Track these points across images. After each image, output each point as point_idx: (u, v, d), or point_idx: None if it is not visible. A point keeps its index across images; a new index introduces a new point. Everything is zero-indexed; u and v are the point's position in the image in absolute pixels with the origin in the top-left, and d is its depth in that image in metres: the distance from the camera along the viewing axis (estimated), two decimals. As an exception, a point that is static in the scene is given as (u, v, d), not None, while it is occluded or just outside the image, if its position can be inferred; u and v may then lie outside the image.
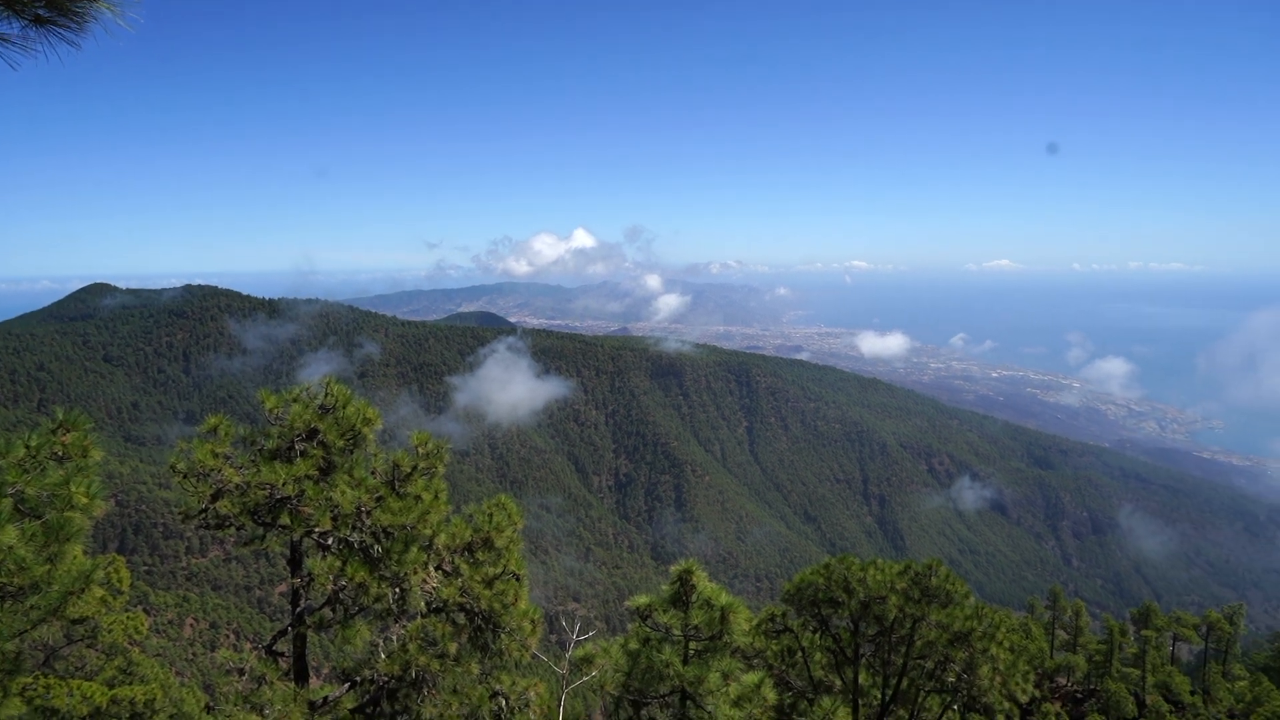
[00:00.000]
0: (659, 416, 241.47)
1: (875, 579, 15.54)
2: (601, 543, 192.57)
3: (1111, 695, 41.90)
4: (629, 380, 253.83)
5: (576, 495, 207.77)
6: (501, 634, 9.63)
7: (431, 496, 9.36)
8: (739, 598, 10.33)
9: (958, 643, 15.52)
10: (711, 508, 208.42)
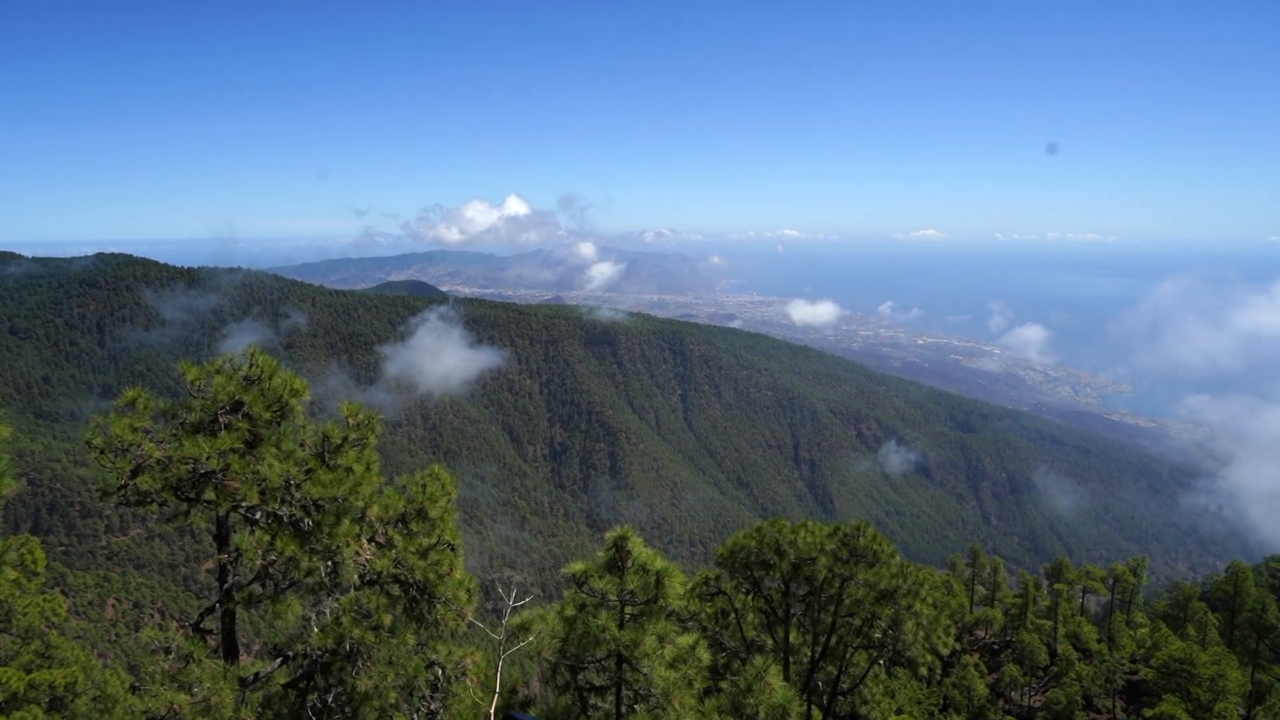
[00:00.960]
0: (593, 385, 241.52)
1: (805, 541, 15.96)
2: (537, 511, 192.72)
3: (1026, 646, 43.98)
4: (563, 349, 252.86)
5: (511, 464, 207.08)
6: (437, 604, 9.60)
7: (363, 468, 9.22)
8: (674, 562, 10.49)
9: (884, 600, 16.09)
10: (646, 475, 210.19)
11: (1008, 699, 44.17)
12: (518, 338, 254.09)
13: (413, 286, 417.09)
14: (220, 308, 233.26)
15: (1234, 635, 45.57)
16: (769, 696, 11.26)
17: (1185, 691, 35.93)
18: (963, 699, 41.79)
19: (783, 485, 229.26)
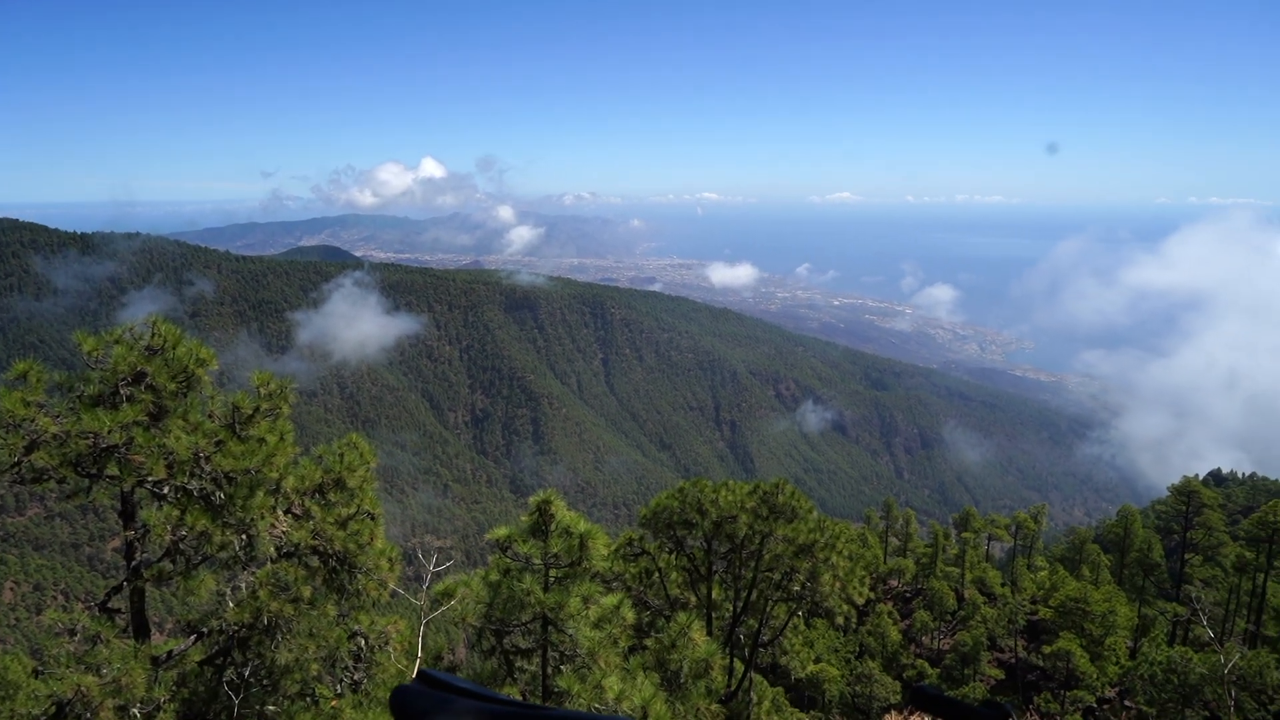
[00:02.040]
0: (514, 350, 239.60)
1: (726, 499, 16.30)
2: (460, 479, 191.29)
3: (936, 592, 46.09)
4: (483, 314, 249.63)
5: (432, 432, 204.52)
6: (358, 574, 9.47)
7: (276, 438, 8.97)
8: (597, 525, 10.57)
9: (802, 554, 16.61)
10: (569, 439, 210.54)
11: (919, 643, 46.33)
12: (436, 303, 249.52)
13: (325, 251, 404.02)
14: (118, 275, 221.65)
15: (1124, 574, 48.70)
16: (692, 651, 11.54)
17: (1080, 628, 38.27)
18: (877, 645, 43.64)
19: (704, 446, 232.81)
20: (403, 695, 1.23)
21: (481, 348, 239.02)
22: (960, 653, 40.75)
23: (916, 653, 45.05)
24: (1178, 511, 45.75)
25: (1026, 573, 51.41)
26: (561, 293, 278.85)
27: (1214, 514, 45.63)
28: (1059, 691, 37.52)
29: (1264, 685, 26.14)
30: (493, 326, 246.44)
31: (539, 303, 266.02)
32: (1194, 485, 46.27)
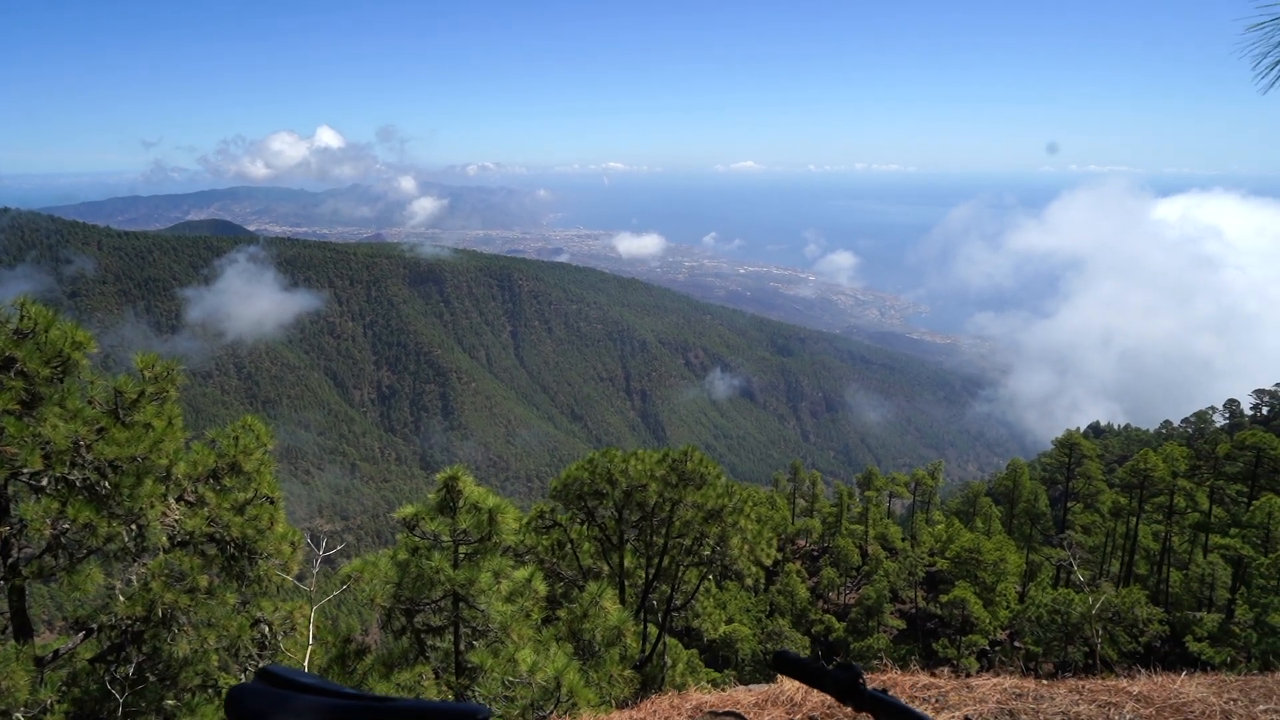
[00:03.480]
0: (420, 325, 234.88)
1: (636, 468, 16.47)
2: (367, 457, 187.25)
3: (841, 550, 47.83)
4: (386, 289, 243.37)
5: (337, 411, 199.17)
6: (259, 560, 9.19)
7: (164, 423, 8.57)
8: (508, 498, 10.54)
9: (711, 519, 16.96)
10: (479, 414, 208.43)
11: (826, 599, 48.08)
12: (337, 278, 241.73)
13: (216, 226, 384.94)
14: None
15: (1013, 524, 51.55)
16: (604, 619, 11.68)
17: (974, 577, 40.43)
18: (787, 603, 45.11)
19: (616, 416, 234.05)
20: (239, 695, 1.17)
21: (386, 323, 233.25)
22: (865, 606, 42.52)
23: (824, 608, 46.78)
24: (1061, 463, 48.64)
25: (925, 527, 53.85)
26: (467, 265, 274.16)
27: (1093, 464, 48.70)
28: (955, 637, 39.64)
29: (1135, 619, 28.17)
30: (397, 301, 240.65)
31: (444, 276, 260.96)
32: (1075, 438, 49.22)
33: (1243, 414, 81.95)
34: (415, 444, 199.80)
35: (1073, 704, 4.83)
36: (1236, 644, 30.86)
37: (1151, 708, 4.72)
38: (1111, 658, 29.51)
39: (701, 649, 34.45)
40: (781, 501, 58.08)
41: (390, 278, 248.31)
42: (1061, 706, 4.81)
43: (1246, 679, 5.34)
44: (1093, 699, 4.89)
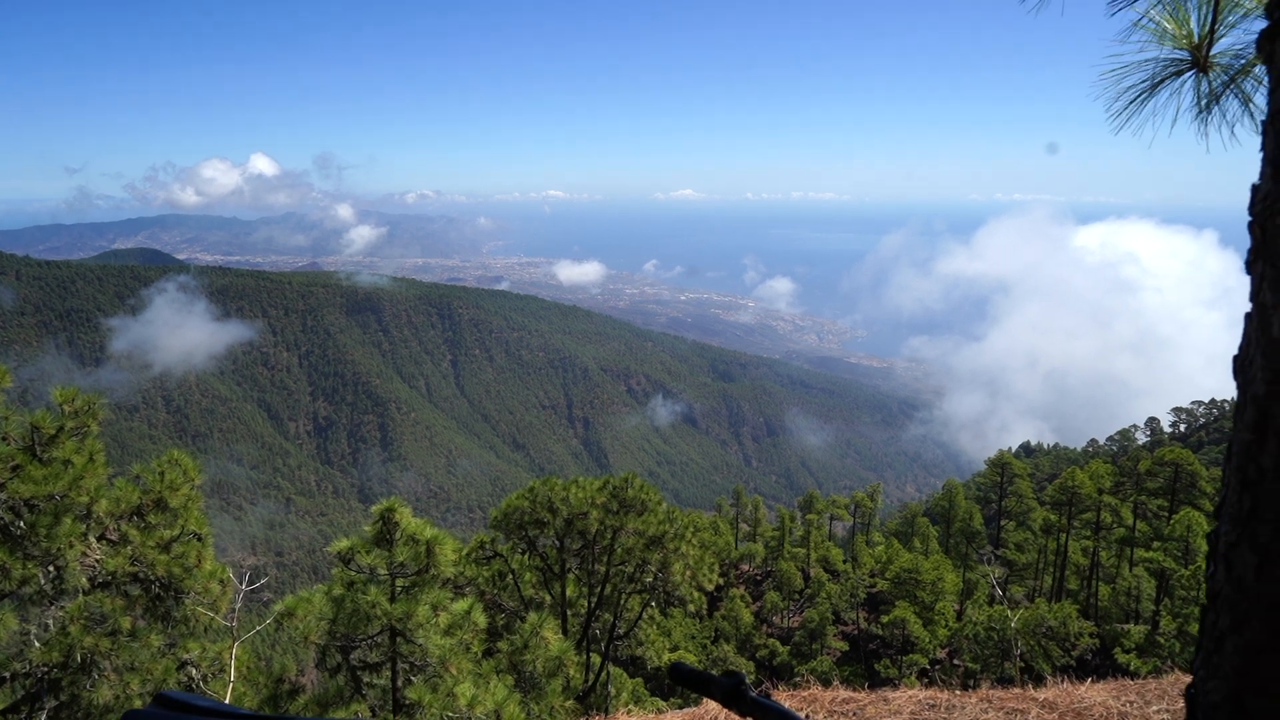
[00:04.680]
0: (358, 355, 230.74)
1: (577, 496, 16.40)
2: (304, 491, 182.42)
3: (784, 573, 48.18)
4: (322, 318, 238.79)
5: (271, 444, 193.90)
6: (185, 599, 8.89)
7: (85, 459, 8.27)
8: (447, 529, 10.43)
9: (653, 546, 16.96)
10: (419, 444, 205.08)
11: (770, 623, 48.28)
12: (271, 308, 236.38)
13: (143, 255, 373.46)
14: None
15: (950, 543, 52.60)
16: (546, 650, 11.56)
17: (913, 596, 41.10)
18: (731, 628, 45.16)
19: (558, 444, 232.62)
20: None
21: (322, 353, 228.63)
22: (808, 629, 42.81)
23: (769, 632, 46.95)
24: (994, 482, 49.94)
25: (865, 548, 54.59)
26: (406, 293, 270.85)
27: (1024, 482, 50.10)
28: (897, 657, 40.14)
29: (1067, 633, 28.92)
30: (334, 330, 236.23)
31: (382, 304, 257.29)
32: (1006, 458, 50.65)
33: (1163, 431, 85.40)
34: (353, 476, 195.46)
35: (982, 711, 4.99)
36: (1161, 654, 31.90)
37: (1055, 713, 4.91)
38: (1045, 671, 30.22)
39: (646, 677, 34.22)
40: (725, 526, 58.39)
41: (326, 307, 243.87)
42: (972, 715, 4.97)
43: (1143, 683, 5.61)
44: (1001, 706, 5.07)
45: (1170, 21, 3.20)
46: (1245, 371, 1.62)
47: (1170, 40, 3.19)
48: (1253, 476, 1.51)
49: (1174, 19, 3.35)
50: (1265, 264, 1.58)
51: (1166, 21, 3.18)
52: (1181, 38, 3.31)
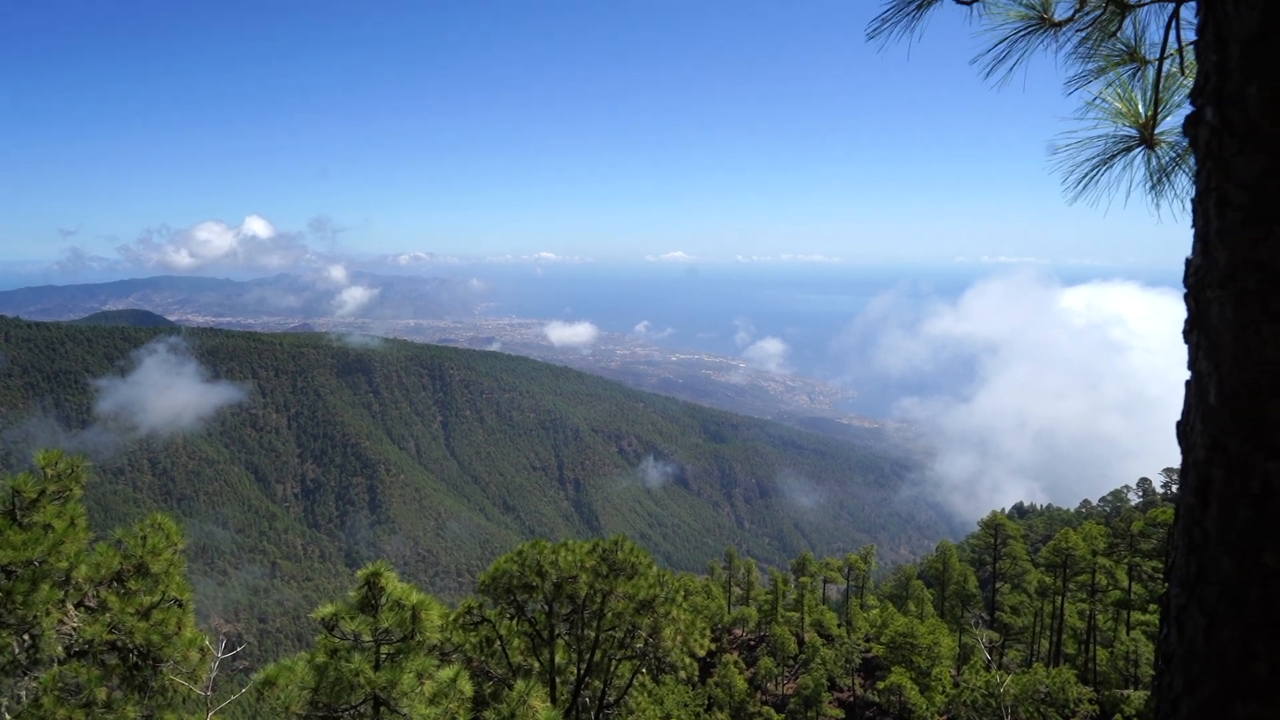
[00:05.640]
0: (348, 416, 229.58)
1: (566, 560, 16.21)
2: (290, 555, 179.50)
3: (778, 638, 47.33)
4: (313, 379, 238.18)
5: (258, 507, 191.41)
6: (163, 668, 8.70)
7: (66, 524, 8.18)
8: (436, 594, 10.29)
9: (643, 610, 16.71)
10: (408, 507, 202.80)
11: (764, 690, 47.23)
12: (261, 369, 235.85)
13: (135, 316, 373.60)
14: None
15: (945, 606, 51.95)
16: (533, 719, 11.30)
17: (909, 661, 40.39)
18: (725, 696, 44.15)
19: (549, 506, 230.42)
20: None
21: (312, 414, 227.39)
22: (803, 696, 41.90)
23: (763, 699, 45.89)
24: (987, 544, 49.58)
25: (860, 612, 53.81)
26: (397, 354, 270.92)
27: (1018, 544, 49.75)
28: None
29: (1066, 699, 28.42)
30: (324, 392, 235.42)
31: (373, 365, 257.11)
32: (1000, 519, 50.36)
33: (1155, 492, 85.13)
34: (340, 539, 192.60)
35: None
36: (1163, 721, 31.27)
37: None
38: (1045, 740, 29.59)
39: (638, 748, 33.33)
40: (717, 590, 57.55)
41: (317, 368, 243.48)
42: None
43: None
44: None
45: (1120, 102, 3.54)
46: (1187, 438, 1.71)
47: (1121, 118, 3.46)
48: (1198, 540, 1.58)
49: (1123, 100, 3.58)
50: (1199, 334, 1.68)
51: (1117, 101, 3.47)
52: (1130, 117, 3.54)
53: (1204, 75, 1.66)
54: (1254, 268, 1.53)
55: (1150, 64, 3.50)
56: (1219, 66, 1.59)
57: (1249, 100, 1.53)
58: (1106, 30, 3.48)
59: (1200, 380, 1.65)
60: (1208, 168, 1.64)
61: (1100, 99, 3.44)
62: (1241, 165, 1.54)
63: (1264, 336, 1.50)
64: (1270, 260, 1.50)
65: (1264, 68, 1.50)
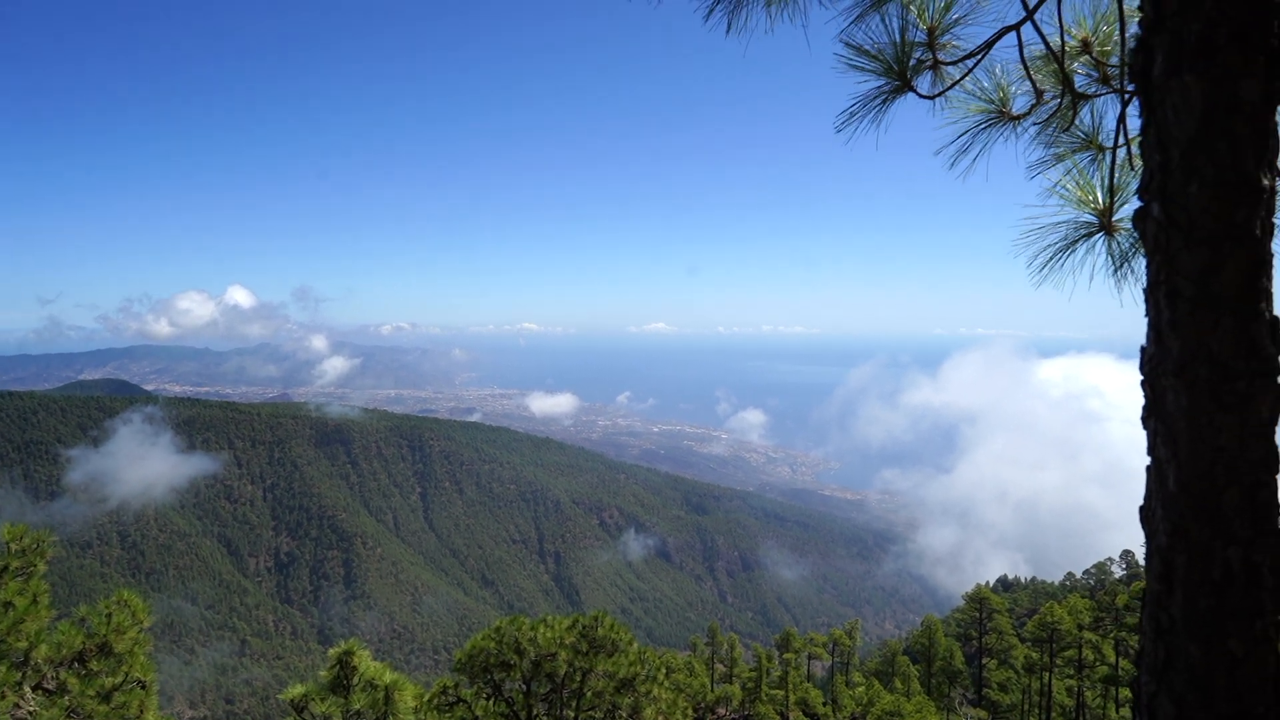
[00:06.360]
0: (325, 488, 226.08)
1: (545, 636, 15.86)
2: (260, 632, 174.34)
3: (762, 717, 46.18)
4: (290, 450, 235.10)
5: (229, 581, 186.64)
6: (122, 755, 8.36)
7: (28, 601, 7.95)
8: (406, 674, 10.02)
9: (624, 689, 16.30)
10: (384, 581, 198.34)
11: (748, 772, 45.85)
12: (238, 439, 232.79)
13: (111, 385, 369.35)
14: None
15: (932, 683, 51.01)
16: (509, 806, 10.90)
17: (896, 742, 39.43)
18: (707, 779, 42.80)
19: (529, 580, 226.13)
20: None
21: (288, 486, 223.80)
22: (787, 778, 40.70)
23: (746, 783, 44.53)
24: (972, 618, 49.07)
25: (845, 689, 52.72)
26: (377, 425, 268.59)
27: (1003, 618, 49.27)
28: (881, 809, 38.15)
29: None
30: (301, 463, 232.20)
31: (352, 436, 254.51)
32: (984, 593, 49.96)
33: (1137, 564, 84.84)
34: (313, 616, 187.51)
35: None
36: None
37: None
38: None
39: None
40: (700, 667, 56.26)
41: (295, 438, 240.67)
42: None
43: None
44: None
45: (1079, 189, 3.74)
46: (1149, 523, 1.77)
47: (1081, 205, 3.64)
48: (1165, 626, 1.63)
49: (1082, 187, 3.72)
50: (1157, 420, 1.73)
51: (1076, 189, 3.67)
52: (1090, 204, 3.68)
53: (1149, 173, 1.76)
54: (1205, 358, 1.60)
55: (1107, 150, 3.68)
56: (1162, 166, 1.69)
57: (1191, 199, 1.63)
58: (1064, 121, 3.66)
59: (1159, 466, 1.72)
60: (1157, 260, 1.73)
61: (1061, 186, 3.59)
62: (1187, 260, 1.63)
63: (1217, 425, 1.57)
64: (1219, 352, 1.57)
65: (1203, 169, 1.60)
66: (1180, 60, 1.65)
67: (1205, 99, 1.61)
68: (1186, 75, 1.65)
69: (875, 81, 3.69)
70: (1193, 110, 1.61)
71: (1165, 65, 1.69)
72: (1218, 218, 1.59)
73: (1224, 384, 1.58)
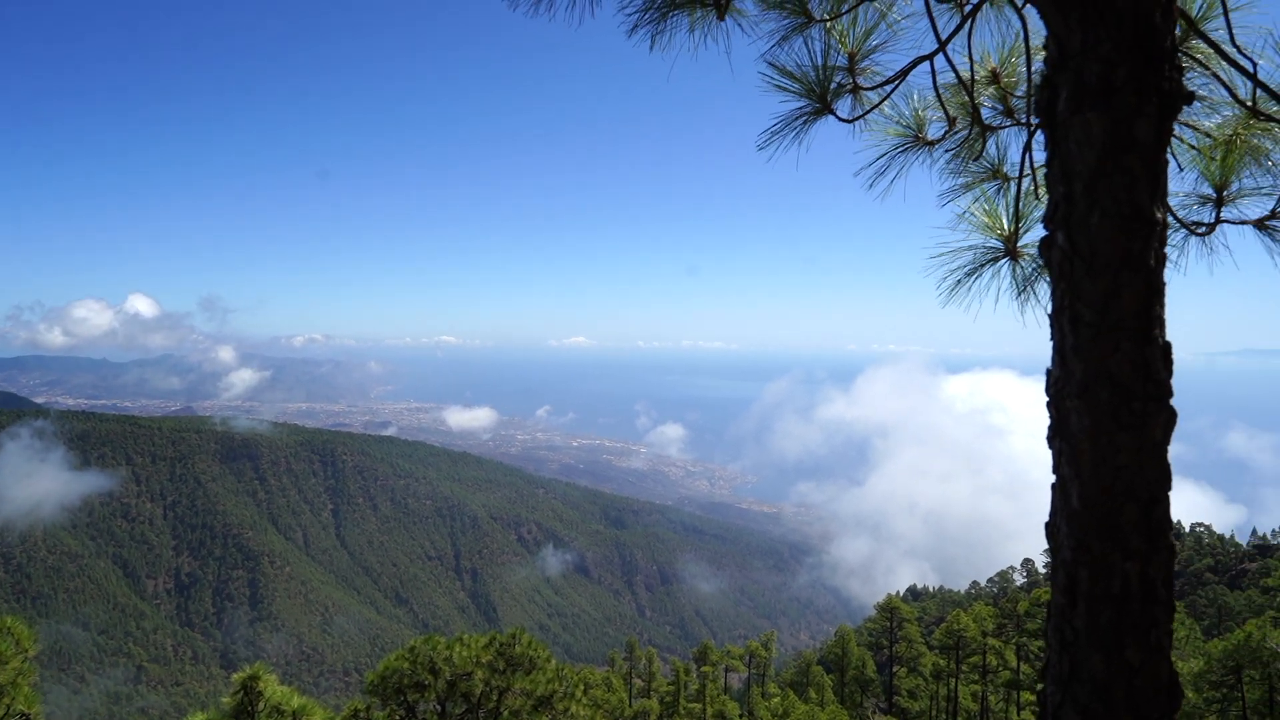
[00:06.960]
0: (230, 505, 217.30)
1: (461, 655, 15.56)
2: (158, 658, 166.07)
3: (679, 732, 46.29)
4: (193, 466, 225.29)
5: (125, 604, 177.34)
6: (3, 793, 7.83)
7: (-100, 632, 7.39)
8: (315, 698, 9.69)
9: (541, 707, 16.10)
10: (293, 601, 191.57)
11: (666, 787, 45.83)
12: (136, 454, 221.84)
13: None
14: None
15: (845, 692, 52.04)
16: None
17: (811, 752, 40.04)
18: (625, 795, 42.62)
19: (445, 598, 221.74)
20: None
21: (191, 503, 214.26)
22: (705, 792, 40.85)
23: (664, 798, 44.49)
24: (884, 627, 50.31)
25: (761, 701, 53.28)
26: (287, 439, 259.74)
27: (913, 627, 50.69)
28: (797, 819, 38.61)
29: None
30: (205, 479, 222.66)
31: (260, 451, 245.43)
32: (894, 602, 51.32)
33: (1038, 572, 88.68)
34: (216, 639, 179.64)
35: None
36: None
37: None
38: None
39: None
40: (618, 682, 56.06)
41: (198, 453, 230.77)
42: None
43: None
44: None
45: (986, 216, 3.97)
46: (1054, 539, 1.84)
47: (987, 231, 3.87)
48: (1069, 638, 1.69)
49: (989, 214, 3.95)
50: (1061, 440, 1.81)
51: (983, 216, 3.91)
52: (996, 230, 3.89)
53: (1054, 203, 1.84)
54: (1106, 381, 1.68)
55: (1012, 180, 3.88)
56: (1066, 197, 1.78)
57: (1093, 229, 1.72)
58: (973, 150, 3.85)
59: (1064, 484, 1.80)
60: (1061, 287, 1.81)
61: (970, 212, 3.79)
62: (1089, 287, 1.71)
63: (1117, 445, 1.65)
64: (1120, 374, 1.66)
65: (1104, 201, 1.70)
66: (1082, 98, 1.74)
67: (1105, 136, 1.71)
68: (1088, 113, 1.73)
69: (797, 103, 3.83)
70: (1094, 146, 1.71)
71: (1068, 102, 1.78)
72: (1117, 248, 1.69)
73: (1123, 406, 1.66)
